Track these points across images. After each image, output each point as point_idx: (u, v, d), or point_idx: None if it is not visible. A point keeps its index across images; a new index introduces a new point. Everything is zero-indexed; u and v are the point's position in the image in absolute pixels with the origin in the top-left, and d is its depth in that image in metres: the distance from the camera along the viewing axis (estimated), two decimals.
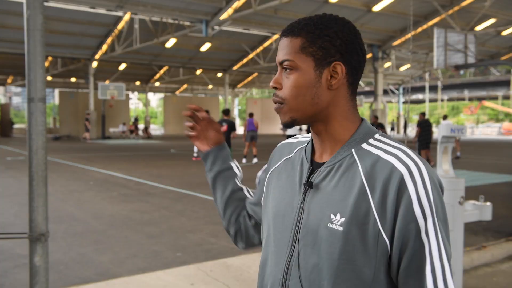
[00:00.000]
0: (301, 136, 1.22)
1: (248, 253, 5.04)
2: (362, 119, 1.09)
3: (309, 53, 1.03)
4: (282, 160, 1.19)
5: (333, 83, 1.03)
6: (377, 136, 1.06)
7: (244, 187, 1.39)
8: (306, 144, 1.16)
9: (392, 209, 0.94)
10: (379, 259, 0.96)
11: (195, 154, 15.96)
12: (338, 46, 1.02)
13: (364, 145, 1.04)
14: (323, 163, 1.07)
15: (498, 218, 6.71)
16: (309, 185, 1.05)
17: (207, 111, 1.41)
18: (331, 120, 1.05)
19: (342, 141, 1.06)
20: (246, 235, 1.33)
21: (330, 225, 0.98)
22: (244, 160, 15.23)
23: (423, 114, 14.88)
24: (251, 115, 15.91)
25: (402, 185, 0.94)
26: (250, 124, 15.30)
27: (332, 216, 0.98)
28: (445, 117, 17.24)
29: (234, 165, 1.39)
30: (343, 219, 0.97)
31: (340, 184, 1.00)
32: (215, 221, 6.76)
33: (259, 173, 1.31)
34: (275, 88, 1.07)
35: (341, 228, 0.96)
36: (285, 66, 1.05)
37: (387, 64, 30.83)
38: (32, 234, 2.92)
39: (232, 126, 10.90)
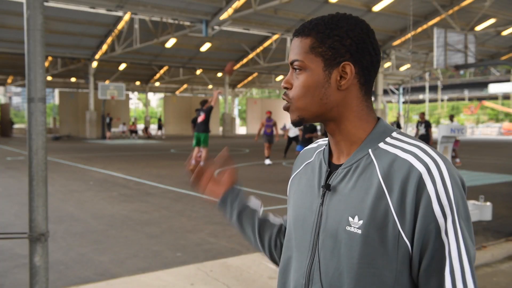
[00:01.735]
0: (321, 140, 1.21)
1: (248, 253, 5.05)
2: (378, 118, 1.06)
3: (318, 53, 1.01)
4: (303, 165, 1.18)
5: (342, 84, 1.01)
6: (394, 134, 1.03)
7: (269, 215, 1.35)
8: (324, 146, 1.14)
9: (412, 209, 0.92)
10: (401, 262, 0.94)
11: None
12: (348, 46, 1.00)
13: (381, 144, 1.01)
14: (340, 165, 1.05)
15: (498, 218, 6.71)
16: (326, 187, 1.03)
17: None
18: (343, 120, 1.04)
19: (358, 141, 1.04)
20: None
21: (348, 228, 0.96)
22: (267, 161, 14.89)
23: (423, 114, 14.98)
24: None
25: (420, 184, 0.91)
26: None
27: (350, 218, 0.96)
28: (451, 117, 16.28)
29: (252, 199, 1.35)
30: (361, 222, 0.95)
31: (357, 185, 0.98)
32: (215, 221, 6.76)
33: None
34: (286, 88, 1.06)
35: (359, 231, 0.95)
36: (294, 66, 1.04)
37: (387, 64, 30.85)
38: (32, 234, 2.92)
39: (209, 112, 11.15)
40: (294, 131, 16.60)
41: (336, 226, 0.98)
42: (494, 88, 49.99)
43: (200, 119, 11.25)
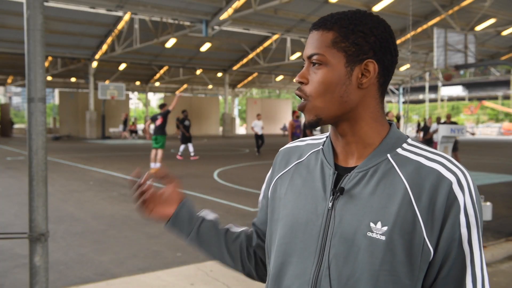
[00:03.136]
0: (309, 139, 1.15)
1: None
2: (390, 123, 1.04)
3: (341, 48, 0.97)
4: (292, 164, 1.11)
5: (363, 82, 0.98)
6: (409, 141, 1.01)
7: (229, 225, 1.28)
8: (321, 146, 1.08)
9: (440, 217, 0.91)
10: (421, 269, 0.92)
11: (180, 153, 16.43)
12: (372, 43, 0.97)
13: (399, 150, 0.98)
14: (350, 168, 1.00)
15: (498, 218, 6.71)
16: (339, 191, 0.98)
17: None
18: (359, 121, 1.00)
19: (373, 144, 1.00)
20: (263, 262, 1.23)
21: (370, 234, 0.93)
22: None
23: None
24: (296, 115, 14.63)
25: (451, 193, 0.91)
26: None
27: (372, 224, 0.93)
28: (438, 120, 14.98)
29: (206, 212, 1.26)
30: (385, 228, 0.92)
31: (378, 190, 0.95)
32: None
33: (260, 197, 1.22)
34: (301, 83, 1.01)
35: (383, 238, 0.91)
36: (313, 61, 0.99)
37: None
38: (32, 234, 2.92)
39: (165, 115, 11.84)
40: (260, 129, 17.87)
41: (353, 231, 0.94)
42: (445, 91, 50.50)
43: (158, 122, 11.79)
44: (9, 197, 8.65)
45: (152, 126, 12.79)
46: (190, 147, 16.22)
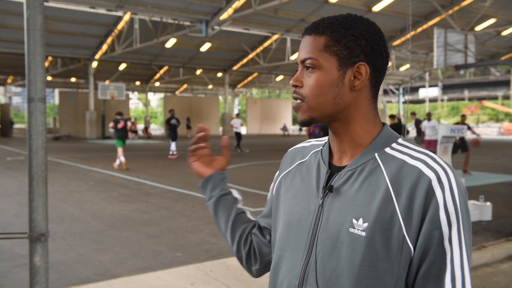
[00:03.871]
0: (314, 140, 1.20)
1: None
2: (383, 123, 1.06)
3: (333, 52, 1.01)
4: (295, 164, 1.16)
5: (356, 84, 1.01)
6: (400, 140, 1.03)
7: (246, 210, 1.33)
8: (321, 147, 1.13)
9: (419, 215, 0.92)
10: (402, 267, 0.93)
11: (170, 152, 16.88)
12: (363, 46, 1.00)
13: (388, 150, 1.01)
14: (342, 167, 1.04)
15: (498, 218, 6.71)
16: (329, 188, 1.02)
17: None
18: (351, 121, 1.03)
19: (363, 144, 1.03)
20: (260, 254, 1.25)
21: (351, 230, 0.95)
22: None
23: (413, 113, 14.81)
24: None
25: (430, 190, 0.92)
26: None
27: (354, 221, 0.96)
28: (429, 116, 14.76)
29: (234, 190, 1.35)
30: (366, 224, 0.94)
31: (363, 188, 0.98)
32: None
33: (271, 186, 1.27)
34: (295, 86, 1.05)
35: (363, 233, 0.94)
36: (307, 65, 1.02)
37: None
38: (32, 234, 2.92)
39: (126, 122, 13.53)
40: (239, 127, 19.71)
41: (338, 227, 0.97)
42: (423, 93, 50.61)
43: (120, 125, 13.27)
44: (9, 197, 8.65)
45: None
46: (172, 146, 16.60)
